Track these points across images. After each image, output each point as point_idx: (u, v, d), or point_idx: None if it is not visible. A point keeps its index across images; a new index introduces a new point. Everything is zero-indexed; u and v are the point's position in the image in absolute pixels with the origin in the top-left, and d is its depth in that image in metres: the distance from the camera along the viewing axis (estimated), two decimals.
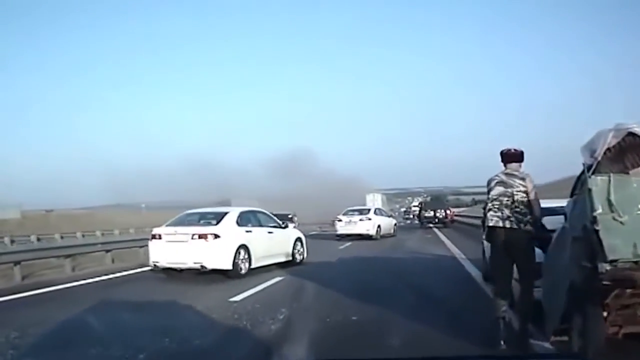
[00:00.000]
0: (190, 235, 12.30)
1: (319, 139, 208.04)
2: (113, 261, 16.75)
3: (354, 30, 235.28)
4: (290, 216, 33.01)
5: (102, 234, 31.41)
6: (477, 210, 71.35)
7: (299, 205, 38.77)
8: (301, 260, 15.51)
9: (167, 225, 13.22)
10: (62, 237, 29.88)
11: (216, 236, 12.28)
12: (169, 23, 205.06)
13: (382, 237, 26.37)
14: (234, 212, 13.58)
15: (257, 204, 58.90)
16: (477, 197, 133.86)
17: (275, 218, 15.64)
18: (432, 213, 40.68)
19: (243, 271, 12.63)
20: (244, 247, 12.77)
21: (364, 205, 35.10)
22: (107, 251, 16.99)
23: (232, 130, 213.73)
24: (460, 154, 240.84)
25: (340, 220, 26.89)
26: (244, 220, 13.51)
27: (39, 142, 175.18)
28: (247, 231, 13.25)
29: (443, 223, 39.50)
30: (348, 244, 23.10)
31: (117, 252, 17.49)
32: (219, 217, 13.08)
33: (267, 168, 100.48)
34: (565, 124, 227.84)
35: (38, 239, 27.99)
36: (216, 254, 12.21)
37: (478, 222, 41.63)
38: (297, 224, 35.42)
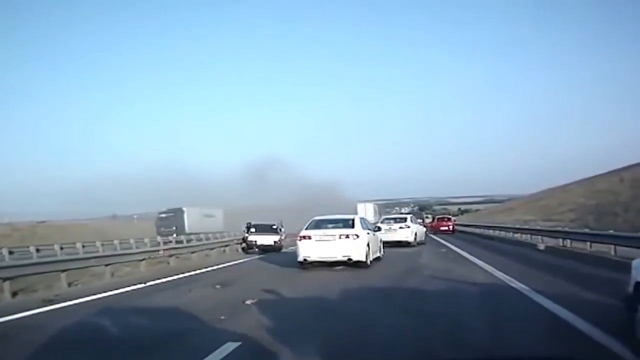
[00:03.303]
0: (338, 236, 14.65)
1: (305, 151, 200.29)
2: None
3: (344, 47, 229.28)
4: (274, 227, 26.64)
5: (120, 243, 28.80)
6: (464, 219, 66.96)
7: (281, 215, 32.52)
8: (381, 257, 17.24)
9: (306, 229, 15.29)
10: (83, 246, 25.50)
11: (357, 236, 14.65)
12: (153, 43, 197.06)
13: (418, 244, 25.37)
14: (357, 218, 16.16)
15: (220, 213, 52.72)
16: (463, 207, 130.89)
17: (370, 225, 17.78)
18: None
19: (368, 262, 14.80)
20: (368, 244, 15.01)
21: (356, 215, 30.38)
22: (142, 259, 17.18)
23: (219, 141, 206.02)
24: (446, 165, 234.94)
25: (379, 229, 24.17)
26: (362, 224, 15.76)
27: (25, 154, 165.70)
28: (367, 233, 15.57)
29: None
30: None
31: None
32: (351, 222, 15.49)
33: (247, 179, 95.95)
34: (548, 139, 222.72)
35: (61, 248, 24.35)
36: (358, 250, 14.46)
37: (479, 230, 36.93)
38: (283, 235, 29.12)
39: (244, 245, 25.47)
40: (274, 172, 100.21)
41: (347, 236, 14.62)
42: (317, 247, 14.69)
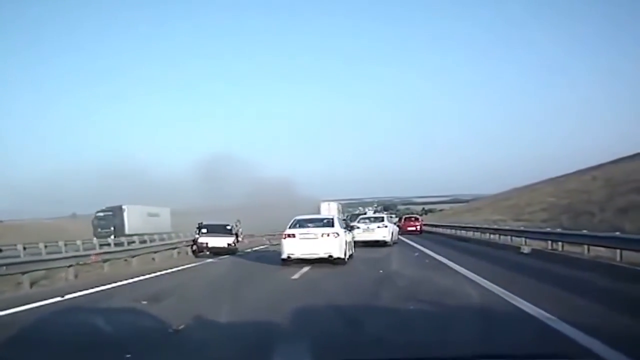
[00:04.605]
0: (320, 234, 15.50)
1: (262, 150, 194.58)
2: None
3: (304, 42, 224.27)
4: (228, 227, 23.83)
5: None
6: (429, 219, 65.15)
7: (237, 216, 29.97)
8: (353, 255, 17.60)
9: (290, 228, 16.03)
10: (24, 248, 23.95)
11: (337, 234, 15.57)
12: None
13: (393, 243, 25.37)
14: (335, 218, 17.52)
15: (167, 213, 49.41)
16: (427, 207, 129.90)
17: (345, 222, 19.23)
18: None
19: (346, 259, 15.73)
20: (345, 242, 16.00)
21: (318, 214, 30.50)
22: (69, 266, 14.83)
23: (175, 139, 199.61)
24: (409, 165, 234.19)
25: (357, 228, 24.98)
26: (340, 224, 16.91)
27: None
28: (344, 232, 16.56)
29: None
30: (305, 269, 14.39)
31: None
32: (331, 221, 16.61)
33: (202, 177, 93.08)
34: (512, 139, 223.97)
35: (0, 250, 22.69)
36: (338, 247, 15.33)
37: (449, 231, 34.99)
38: (241, 236, 26.61)
39: (194, 248, 22.84)
40: (230, 171, 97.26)
41: (329, 235, 15.44)
42: (300, 244, 15.41)
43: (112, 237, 32.41)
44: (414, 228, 40.87)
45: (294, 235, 15.66)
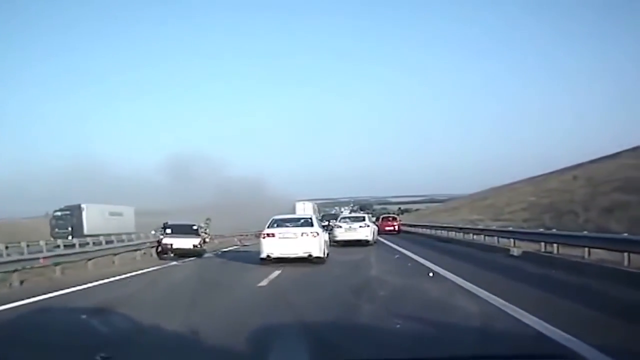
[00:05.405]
0: (300, 234, 15.64)
1: (234, 150, 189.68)
2: None
3: (279, 40, 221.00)
4: (195, 228, 22.31)
5: None
6: (406, 219, 64.07)
7: (210, 215, 28.40)
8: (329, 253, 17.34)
9: (268, 227, 16.04)
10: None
11: (317, 234, 15.78)
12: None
13: (374, 242, 25.74)
14: (314, 217, 18.10)
15: (130, 212, 47.35)
16: (403, 207, 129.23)
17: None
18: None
19: (325, 258, 16.03)
20: (324, 242, 16.61)
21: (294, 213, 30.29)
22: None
23: (145, 138, 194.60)
24: (385, 165, 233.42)
25: (340, 227, 25.95)
26: (318, 223, 17.43)
27: None
28: (322, 231, 16.98)
29: None
30: (275, 273, 13.06)
31: None
32: (309, 221, 16.80)
33: (171, 176, 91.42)
34: (487, 139, 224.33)
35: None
36: (317, 246, 15.54)
37: (429, 231, 33.93)
38: (208, 236, 25.12)
39: (159, 249, 21.29)
40: (200, 170, 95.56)
41: (308, 234, 15.61)
42: (280, 244, 15.46)
43: (70, 237, 30.51)
44: (392, 228, 39.92)
45: (273, 235, 15.68)
